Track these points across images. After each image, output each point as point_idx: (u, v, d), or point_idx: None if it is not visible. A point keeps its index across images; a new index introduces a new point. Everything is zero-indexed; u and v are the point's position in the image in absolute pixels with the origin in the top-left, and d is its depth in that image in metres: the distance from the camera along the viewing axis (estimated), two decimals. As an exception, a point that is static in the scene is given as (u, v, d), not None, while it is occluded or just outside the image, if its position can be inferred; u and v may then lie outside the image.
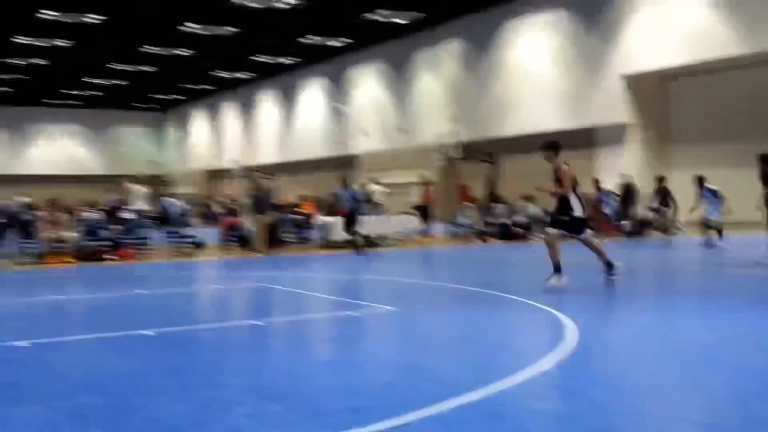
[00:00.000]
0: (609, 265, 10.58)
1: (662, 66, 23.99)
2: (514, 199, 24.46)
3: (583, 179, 26.73)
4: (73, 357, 6.59)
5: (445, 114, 32.12)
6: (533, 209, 22.69)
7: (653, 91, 25.67)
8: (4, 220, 21.41)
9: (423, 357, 6.36)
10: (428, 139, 32.31)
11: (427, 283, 11.90)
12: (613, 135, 25.62)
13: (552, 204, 11.13)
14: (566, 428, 4.31)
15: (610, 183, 23.43)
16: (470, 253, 18.80)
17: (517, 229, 22.52)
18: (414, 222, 22.44)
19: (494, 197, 25.25)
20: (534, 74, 28.14)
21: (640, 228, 22.05)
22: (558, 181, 10.48)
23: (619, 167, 24.93)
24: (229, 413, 4.59)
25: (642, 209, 22.37)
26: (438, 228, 23.59)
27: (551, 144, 10.88)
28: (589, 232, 10.64)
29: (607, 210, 22.80)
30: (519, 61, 28.97)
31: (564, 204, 10.43)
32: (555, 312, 8.24)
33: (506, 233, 22.28)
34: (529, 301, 9.13)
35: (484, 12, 29.75)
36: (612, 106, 25.33)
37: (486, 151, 30.06)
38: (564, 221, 10.41)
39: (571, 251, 11.41)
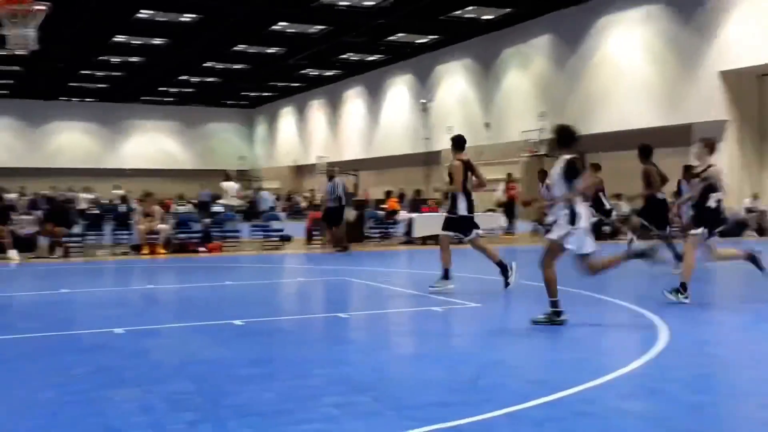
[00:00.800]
0: (503, 267, 9.98)
1: (761, 62, 23.03)
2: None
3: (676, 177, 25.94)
4: (167, 344, 6.82)
5: (533, 110, 31.70)
6: (624, 207, 22.16)
7: (751, 88, 24.66)
8: (101, 212, 22.34)
9: (509, 354, 6.32)
10: (514, 136, 31.96)
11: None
12: (709, 133, 24.69)
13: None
14: (655, 429, 4.20)
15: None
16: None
17: (605, 227, 22.06)
18: (499, 219, 22.24)
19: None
20: (626, 70, 27.44)
21: (736, 228, 21.27)
22: (449, 179, 10.03)
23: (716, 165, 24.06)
24: (317, 402, 4.66)
25: (737, 209, 21.59)
26: (523, 226, 23.31)
27: (454, 139, 10.40)
28: (476, 232, 10.05)
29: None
30: (610, 57, 28.30)
31: (453, 202, 9.90)
32: (645, 312, 8.04)
33: (594, 231, 21.83)
34: (617, 301, 8.95)
35: (575, 6, 29.19)
36: (708, 103, 24.46)
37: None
38: (453, 220, 9.83)
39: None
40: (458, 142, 10.21)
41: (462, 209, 9.79)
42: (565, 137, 7.66)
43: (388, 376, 5.42)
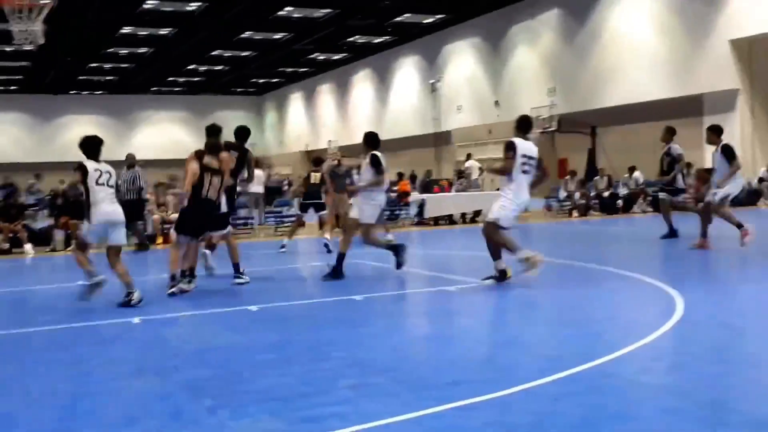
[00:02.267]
0: (236, 268, 9.57)
1: (772, 29, 22.75)
2: (615, 170, 23.81)
3: (694, 150, 25.88)
4: (183, 332, 6.86)
5: (542, 86, 31.50)
6: (638, 177, 22.17)
7: (762, 56, 24.37)
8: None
9: (523, 332, 6.31)
10: (525, 112, 31.79)
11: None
12: (722, 102, 24.50)
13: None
14: (673, 401, 4.20)
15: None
16: (569, 227, 18.45)
17: (618, 201, 22.01)
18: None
19: (594, 169, 24.67)
20: (635, 43, 27.18)
21: (750, 197, 21.16)
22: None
23: (728, 135, 23.88)
24: (334, 385, 4.68)
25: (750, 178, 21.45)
26: (535, 202, 23.22)
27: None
28: (230, 228, 9.86)
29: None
30: (619, 30, 28.04)
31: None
32: (659, 284, 8.01)
33: (607, 206, 21.75)
34: (630, 274, 8.91)
35: (582, -20, 28.96)
36: (719, 73, 24.21)
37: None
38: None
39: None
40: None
41: (224, 206, 9.60)
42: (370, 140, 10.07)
43: (405, 357, 5.43)
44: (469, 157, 27.05)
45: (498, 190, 9.59)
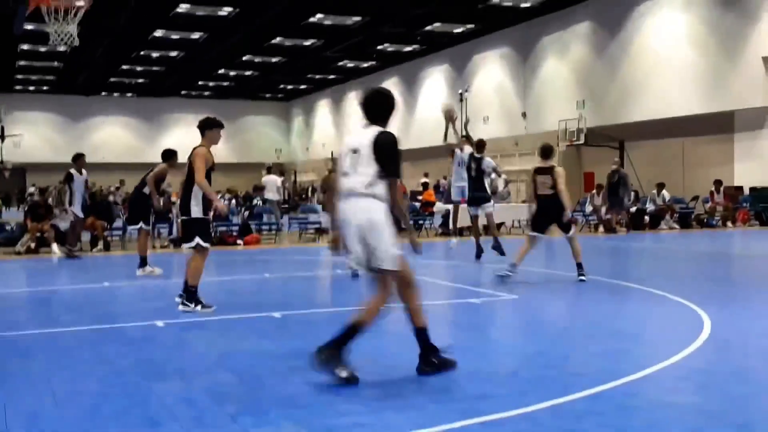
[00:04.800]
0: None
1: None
2: (643, 186, 23.59)
3: (723, 166, 25.53)
4: (207, 336, 6.87)
5: (571, 99, 31.35)
6: (665, 195, 21.93)
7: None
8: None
9: (549, 346, 6.25)
10: (552, 125, 31.64)
11: (549, 272, 11.68)
12: (753, 120, 24.24)
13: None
14: (701, 422, 4.13)
15: (750, 169, 22.23)
16: (595, 242, 18.29)
17: (645, 217, 21.79)
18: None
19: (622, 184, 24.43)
20: (666, 57, 26.97)
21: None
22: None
23: (759, 152, 23.63)
24: (358, 394, 4.66)
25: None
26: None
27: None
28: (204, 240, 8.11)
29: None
30: (651, 44, 27.84)
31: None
32: (686, 302, 7.91)
33: (634, 222, 21.56)
34: (658, 292, 8.81)
35: (615, -7, 28.82)
36: (752, 89, 23.93)
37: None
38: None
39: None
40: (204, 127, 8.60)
41: (195, 212, 8.07)
42: None
43: (428, 369, 5.39)
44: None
45: (524, 202, 9.62)
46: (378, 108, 5.36)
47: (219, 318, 7.72)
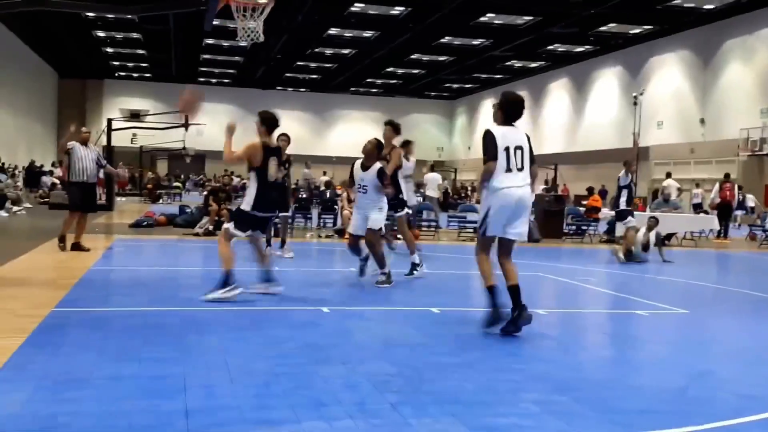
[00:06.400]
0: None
1: None
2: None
3: None
4: (369, 326, 7.08)
5: (754, 106, 29.44)
6: None
7: None
8: (308, 195, 23.54)
9: (719, 365, 5.95)
10: (732, 133, 29.88)
11: (723, 288, 11.06)
12: None
13: None
14: None
15: None
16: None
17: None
18: (711, 222, 20.90)
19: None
20: None
21: None
22: None
23: None
24: (516, 397, 4.65)
25: None
26: (737, 231, 21.77)
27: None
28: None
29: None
30: None
31: None
32: None
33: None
34: None
35: (810, -7, 26.78)
36: None
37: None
38: None
39: None
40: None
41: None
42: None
43: (589, 378, 5.29)
44: (668, 175, 25.83)
45: (702, 211, 9.14)
46: (522, 110, 6.61)
47: (380, 309, 7.92)
